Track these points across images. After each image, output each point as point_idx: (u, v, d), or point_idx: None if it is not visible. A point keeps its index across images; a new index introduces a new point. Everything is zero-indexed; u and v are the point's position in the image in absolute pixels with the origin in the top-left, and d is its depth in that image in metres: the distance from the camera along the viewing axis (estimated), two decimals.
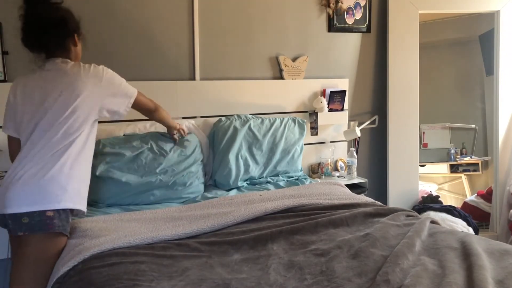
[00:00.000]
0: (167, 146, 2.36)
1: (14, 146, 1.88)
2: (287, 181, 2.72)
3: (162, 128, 2.43)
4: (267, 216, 2.00)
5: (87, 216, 2.05)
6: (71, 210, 1.74)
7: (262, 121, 2.76)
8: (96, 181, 2.19)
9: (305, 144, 2.97)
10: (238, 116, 2.75)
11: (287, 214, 2.01)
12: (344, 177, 3.13)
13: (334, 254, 1.59)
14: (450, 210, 3.32)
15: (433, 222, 1.97)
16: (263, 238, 1.74)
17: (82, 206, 1.79)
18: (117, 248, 1.64)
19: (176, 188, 2.32)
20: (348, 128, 3.33)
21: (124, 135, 2.38)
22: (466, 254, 1.56)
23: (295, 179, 2.77)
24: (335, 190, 2.51)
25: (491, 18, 3.56)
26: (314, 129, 3.09)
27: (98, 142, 2.23)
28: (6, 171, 2.22)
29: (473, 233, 3.16)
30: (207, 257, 1.60)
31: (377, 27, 3.45)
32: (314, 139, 3.17)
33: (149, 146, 2.32)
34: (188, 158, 2.40)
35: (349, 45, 3.37)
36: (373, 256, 1.56)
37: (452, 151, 3.94)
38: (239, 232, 1.81)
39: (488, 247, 1.65)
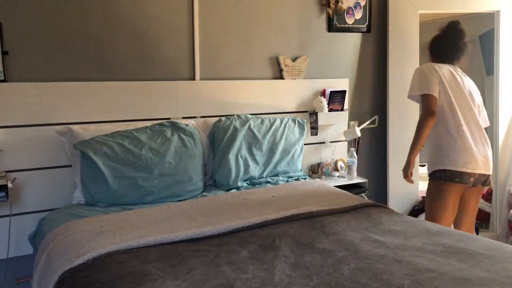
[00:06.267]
0: (168, 140, 2.36)
1: None
2: (286, 181, 2.73)
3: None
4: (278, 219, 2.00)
5: (106, 213, 2.07)
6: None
7: (262, 121, 2.76)
8: (95, 179, 2.20)
9: (305, 144, 2.97)
10: (238, 116, 2.75)
11: (296, 220, 2.01)
12: (344, 177, 3.13)
13: (341, 255, 1.59)
14: None
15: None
16: (271, 238, 1.76)
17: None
18: (130, 248, 1.65)
19: (175, 184, 2.33)
20: (348, 128, 3.33)
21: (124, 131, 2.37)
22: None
23: (295, 179, 2.77)
24: (334, 190, 2.52)
25: (491, 18, 3.56)
26: (314, 129, 3.09)
27: (96, 140, 2.24)
28: (6, 171, 2.24)
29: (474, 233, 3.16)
30: (215, 255, 1.61)
31: (377, 27, 3.45)
32: (314, 139, 3.17)
33: (150, 141, 2.32)
34: (189, 151, 2.41)
35: (349, 45, 3.37)
36: (383, 259, 1.56)
37: None
38: (248, 232, 1.83)
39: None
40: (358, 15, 3.33)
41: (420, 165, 3.59)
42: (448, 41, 2.65)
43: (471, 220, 2.68)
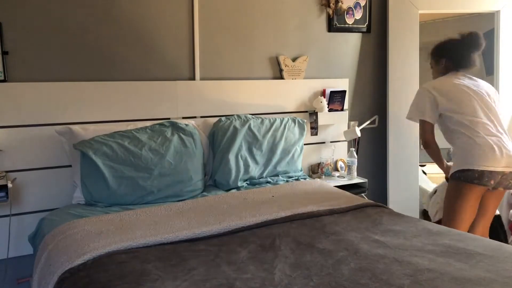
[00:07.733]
0: (168, 140, 2.36)
1: None
2: (286, 181, 2.73)
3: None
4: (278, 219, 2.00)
5: (106, 213, 2.07)
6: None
7: (262, 121, 2.76)
8: (95, 179, 2.20)
9: (305, 144, 2.97)
10: (238, 116, 2.75)
11: (296, 220, 2.01)
12: (344, 177, 3.13)
13: (341, 255, 1.60)
14: None
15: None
16: (271, 238, 1.76)
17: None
18: (130, 248, 1.65)
19: (175, 184, 2.33)
20: (348, 128, 3.33)
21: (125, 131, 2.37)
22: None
23: (295, 179, 2.77)
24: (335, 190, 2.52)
25: (491, 18, 3.56)
26: (314, 129, 3.09)
27: (96, 140, 2.24)
28: (6, 171, 2.24)
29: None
30: (215, 255, 1.61)
31: (377, 27, 3.45)
32: (314, 139, 3.18)
33: (150, 141, 2.32)
34: (189, 151, 2.41)
35: (349, 45, 3.37)
36: (383, 259, 1.56)
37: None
38: (248, 232, 1.83)
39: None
40: (358, 15, 3.33)
41: (420, 165, 3.59)
42: (464, 48, 2.59)
43: (487, 223, 2.64)
